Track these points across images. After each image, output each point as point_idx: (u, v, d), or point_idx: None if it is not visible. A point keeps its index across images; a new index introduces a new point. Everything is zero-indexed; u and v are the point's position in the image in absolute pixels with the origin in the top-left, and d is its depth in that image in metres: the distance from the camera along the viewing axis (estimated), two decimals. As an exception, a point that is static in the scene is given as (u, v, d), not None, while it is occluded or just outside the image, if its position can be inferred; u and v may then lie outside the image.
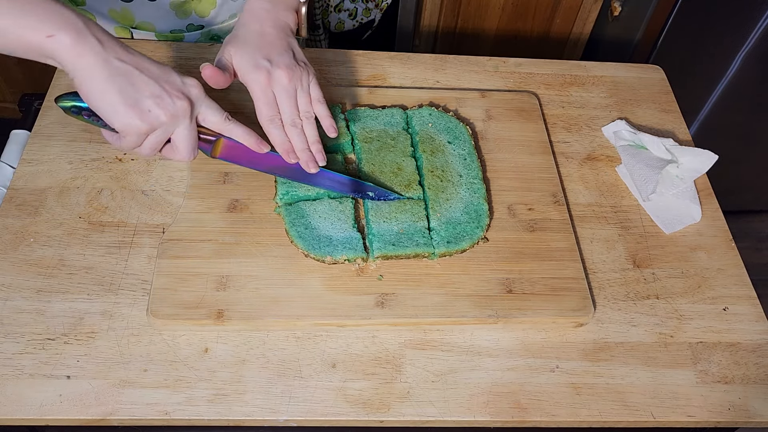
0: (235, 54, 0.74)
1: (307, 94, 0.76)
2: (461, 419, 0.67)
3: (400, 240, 0.74)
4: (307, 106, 0.76)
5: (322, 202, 0.77)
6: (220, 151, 0.75)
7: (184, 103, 0.67)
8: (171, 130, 0.68)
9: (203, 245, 0.74)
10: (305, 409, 0.66)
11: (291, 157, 0.75)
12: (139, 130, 0.65)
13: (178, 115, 0.67)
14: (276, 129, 0.74)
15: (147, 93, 0.65)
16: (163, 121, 0.66)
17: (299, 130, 0.75)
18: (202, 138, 0.73)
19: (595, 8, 1.69)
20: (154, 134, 0.67)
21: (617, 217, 0.85)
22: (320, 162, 0.76)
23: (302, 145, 0.75)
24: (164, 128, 0.67)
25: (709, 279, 0.80)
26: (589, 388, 0.70)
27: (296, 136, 0.75)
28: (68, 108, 0.70)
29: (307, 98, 0.76)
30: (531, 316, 0.72)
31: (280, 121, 0.75)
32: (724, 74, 1.54)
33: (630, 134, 0.90)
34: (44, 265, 0.72)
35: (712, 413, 0.70)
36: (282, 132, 0.75)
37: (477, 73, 0.99)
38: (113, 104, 0.64)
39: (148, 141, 0.68)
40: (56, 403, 0.64)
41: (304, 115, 0.76)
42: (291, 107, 0.75)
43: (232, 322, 0.69)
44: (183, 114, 0.67)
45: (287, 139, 0.75)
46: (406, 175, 0.80)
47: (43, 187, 0.79)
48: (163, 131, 0.67)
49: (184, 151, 0.70)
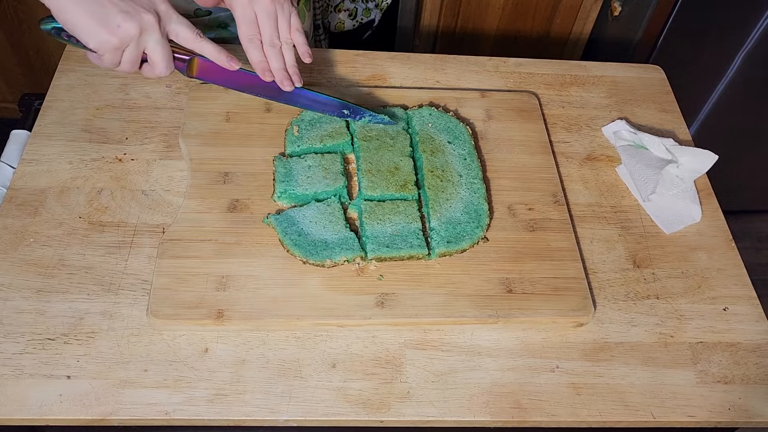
0: None
1: (287, 20, 0.79)
2: (461, 419, 0.67)
3: (394, 242, 0.74)
4: (286, 33, 0.79)
5: (310, 207, 0.77)
6: (196, 70, 0.78)
7: (151, 17, 0.70)
8: (143, 44, 0.71)
9: (203, 245, 0.74)
10: (305, 409, 0.66)
11: (267, 75, 0.78)
12: (112, 45, 0.69)
13: (147, 27, 0.70)
14: (254, 48, 0.77)
15: (115, 10, 0.68)
16: (132, 34, 0.69)
17: (277, 50, 0.78)
18: (177, 57, 0.76)
19: (595, 8, 1.69)
20: (128, 50, 0.70)
21: (617, 217, 0.85)
22: (296, 83, 0.79)
23: (279, 64, 0.78)
24: (135, 42, 0.70)
25: (709, 279, 0.80)
26: (589, 388, 0.70)
27: (274, 56, 0.78)
28: (49, 30, 0.73)
29: (287, 25, 0.79)
30: (531, 316, 0.72)
31: (259, 41, 0.78)
32: (724, 74, 1.54)
33: (630, 134, 0.91)
34: (44, 265, 0.72)
35: (712, 413, 0.70)
36: (260, 52, 0.78)
37: (477, 73, 0.99)
38: (85, 25, 0.68)
39: (124, 57, 0.71)
40: (56, 403, 0.64)
41: (284, 39, 0.78)
42: (271, 28, 0.77)
43: (232, 322, 0.69)
44: (151, 26, 0.70)
45: (265, 59, 0.78)
46: (403, 175, 0.80)
47: (43, 187, 0.79)
48: (135, 45, 0.70)
49: (160, 65, 0.73)
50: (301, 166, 0.80)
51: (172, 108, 0.88)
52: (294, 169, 0.79)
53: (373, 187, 0.78)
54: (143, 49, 0.72)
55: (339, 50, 0.99)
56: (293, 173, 0.79)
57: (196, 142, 0.83)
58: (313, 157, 0.81)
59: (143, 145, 0.84)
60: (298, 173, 0.79)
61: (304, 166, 0.80)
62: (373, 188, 0.78)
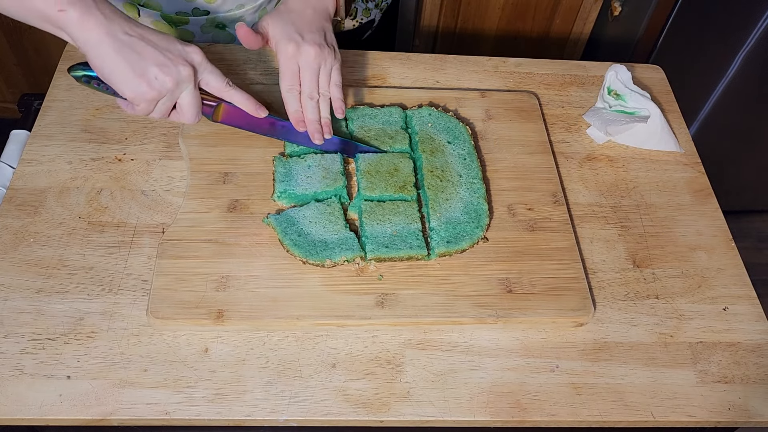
0: (272, 23, 0.80)
1: (328, 75, 0.80)
2: (461, 419, 0.67)
3: (393, 242, 0.74)
4: (325, 86, 0.80)
5: (310, 207, 0.77)
6: (222, 116, 0.79)
7: (187, 69, 0.71)
8: (177, 95, 0.72)
9: (203, 245, 0.74)
10: (305, 409, 0.66)
11: (300, 126, 0.79)
12: (148, 97, 0.69)
13: (182, 80, 0.71)
14: (293, 99, 0.79)
15: (152, 62, 0.69)
16: (169, 87, 0.70)
17: (315, 103, 0.79)
18: (204, 103, 0.77)
19: (595, 8, 1.69)
20: (162, 100, 0.71)
21: (617, 217, 0.85)
22: (326, 135, 0.80)
23: (314, 116, 0.79)
24: (171, 94, 0.71)
25: (709, 279, 0.80)
26: (589, 388, 0.70)
27: (310, 108, 0.79)
28: (80, 77, 0.74)
29: (327, 78, 0.80)
30: (531, 316, 0.72)
31: (298, 92, 0.79)
32: (724, 74, 1.54)
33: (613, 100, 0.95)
34: (44, 265, 0.72)
35: (712, 413, 0.70)
36: (298, 102, 0.79)
37: (477, 73, 0.99)
38: (122, 74, 0.68)
39: (157, 107, 0.72)
40: (56, 403, 0.64)
41: (322, 92, 0.80)
42: (312, 81, 0.79)
43: (232, 322, 0.69)
44: (187, 79, 0.71)
45: (300, 110, 0.79)
46: (402, 176, 0.80)
47: (43, 187, 0.79)
48: (170, 97, 0.71)
49: (189, 114, 0.74)
50: (300, 166, 0.80)
51: (172, 108, 0.88)
52: (294, 169, 0.79)
53: (372, 188, 0.78)
54: (176, 100, 0.73)
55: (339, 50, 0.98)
56: (293, 173, 0.79)
57: (196, 142, 0.83)
58: (312, 157, 0.81)
59: (143, 145, 0.84)
60: (298, 173, 0.79)
61: (304, 166, 0.80)
62: (372, 189, 0.78)
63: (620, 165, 0.91)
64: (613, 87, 0.94)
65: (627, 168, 0.90)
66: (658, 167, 0.91)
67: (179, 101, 0.73)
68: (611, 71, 0.95)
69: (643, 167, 0.91)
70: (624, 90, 0.94)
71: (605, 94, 0.95)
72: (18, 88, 1.78)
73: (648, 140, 0.92)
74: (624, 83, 0.94)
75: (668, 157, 0.93)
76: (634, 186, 0.88)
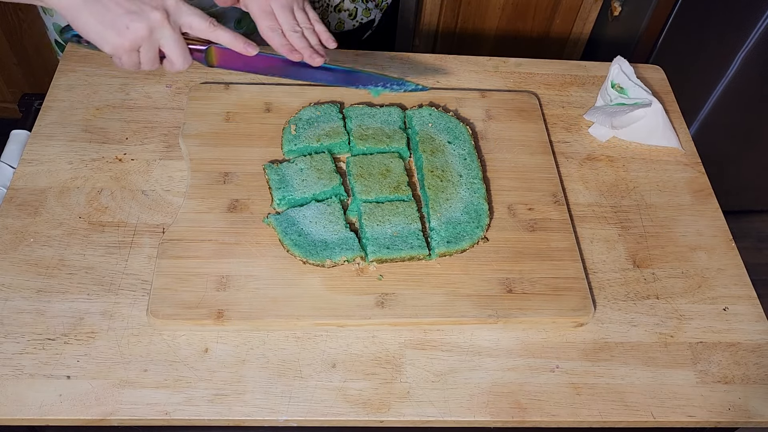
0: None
1: (303, 11, 0.80)
2: (461, 419, 0.67)
3: (394, 243, 0.74)
4: (305, 21, 0.80)
5: (310, 207, 0.77)
6: (217, 59, 0.77)
7: (158, 14, 0.68)
8: (157, 42, 0.70)
9: (203, 245, 0.74)
10: (305, 409, 0.66)
11: (294, 55, 0.78)
12: (125, 47, 0.68)
13: (155, 26, 0.68)
14: (277, 35, 0.78)
15: (121, 11, 0.67)
16: (142, 34, 0.68)
17: (299, 35, 0.78)
18: (193, 48, 0.74)
19: (595, 8, 1.69)
20: (143, 50, 0.69)
21: (617, 217, 0.85)
22: (321, 59, 0.78)
23: (303, 43, 0.78)
24: (148, 41, 0.69)
25: (709, 279, 0.80)
26: (589, 388, 0.70)
27: (297, 39, 0.78)
28: (71, 38, 0.73)
29: (304, 15, 0.80)
30: (531, 316, 0.72)
31: (280, 30, 0.78)
32: (724, 74, 1.54)
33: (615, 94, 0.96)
34: (44, 265, 0.72)
35: (712, 413, 0.70)
36: (282, 37, 0.78)
37: (477, 73, 0.99)
38: (95, 29, 0.67)
39: (141, 57, 0.70)
40: (56, 403, 0.64)
41: (304, 25, 0.79)
42: (290, 18, 0.78)
43: (232, 322, 0.69)
44: (160, 24, 0.69)
45: (287, 42, 0.78)
46: (395, 176, 0.80)
47: (43, 187, 0.79)
48: (149, 45, 0.69)
49: (177, 61, 0.72)
50: (293, 171, 0.80)
51: (172, 108, 0.88)
52: (287, 175, 0.79)
53: (367, 191, 0.78)
54: (158, 47, 0.71)
55: (339, 50, 0.98)
56: (287, 179, 0.79)
57: (196, 142, 0.83)
58: (303, 160, 0.80)
59: (143, 145, 0.84)
60: (292, 178, 0.79)
61: (296, 170, 0.80)
62: (367, 192, 0.78)
63: (620, 165, 0.91)
64: (617, 80, 0.95)
65: (627, 168, 0.90)
66: (658, 167, 0.91)
67: (163, 49, 0.71)
68: (615, 64, 0.95)
69: (644, 167, 0.91)
70: (627, 83, 0.95)
71: (608, 88, 0.95)
72: (18, 88, 1.78)
73: (651, 136, 0.92)
74: (628, 76, 0.95)
75: (668, 157, 0.93)
76: (635, 186, 0.89)
